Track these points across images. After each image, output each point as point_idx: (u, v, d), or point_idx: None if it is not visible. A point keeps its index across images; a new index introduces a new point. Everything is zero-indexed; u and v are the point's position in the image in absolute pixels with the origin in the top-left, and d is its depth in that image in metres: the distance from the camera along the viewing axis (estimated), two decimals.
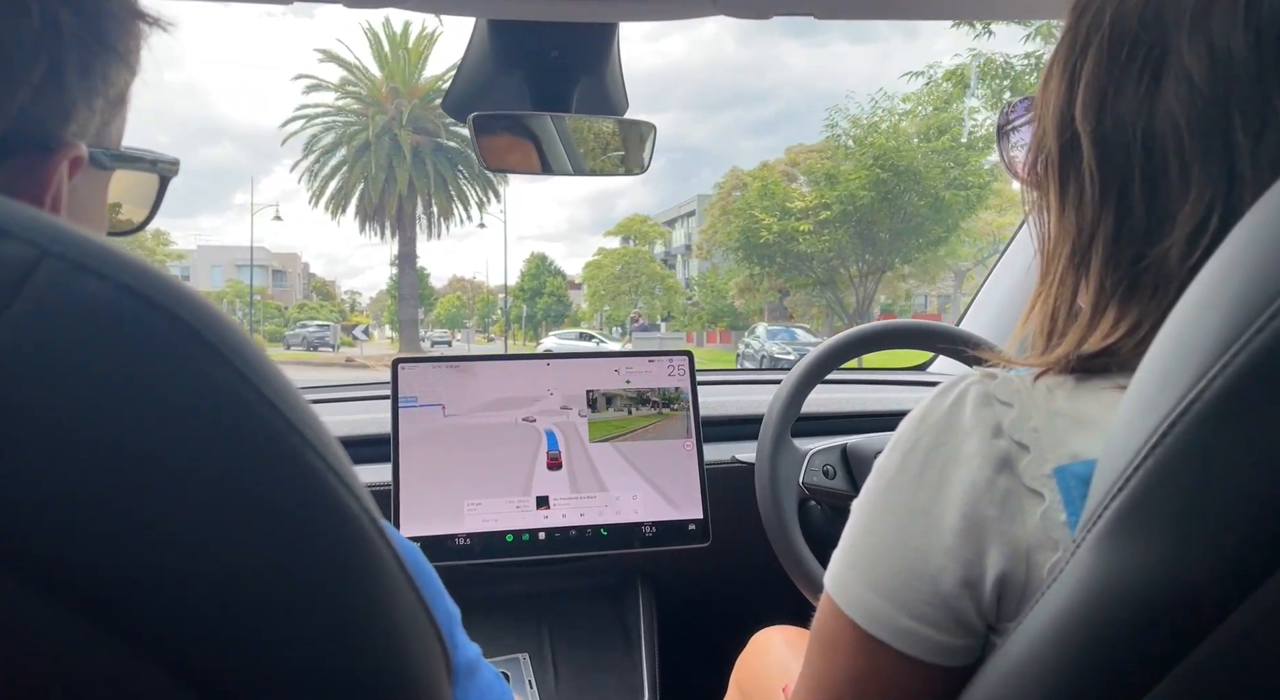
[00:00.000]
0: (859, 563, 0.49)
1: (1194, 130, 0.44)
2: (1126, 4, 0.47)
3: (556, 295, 40.13)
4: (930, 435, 0.48)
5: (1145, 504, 0.33)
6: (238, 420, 0.25)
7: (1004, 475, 0.45)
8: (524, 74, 1.10)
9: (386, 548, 0.29)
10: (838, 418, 1.30)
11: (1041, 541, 0.44)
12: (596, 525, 1.12)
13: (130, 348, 0.24)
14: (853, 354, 1.09)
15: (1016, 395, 0.47)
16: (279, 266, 46.01)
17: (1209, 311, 0.33)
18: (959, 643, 0.46)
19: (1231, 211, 0.43)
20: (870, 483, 0.50)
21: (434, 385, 1.12)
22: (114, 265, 0.25)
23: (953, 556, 0.45)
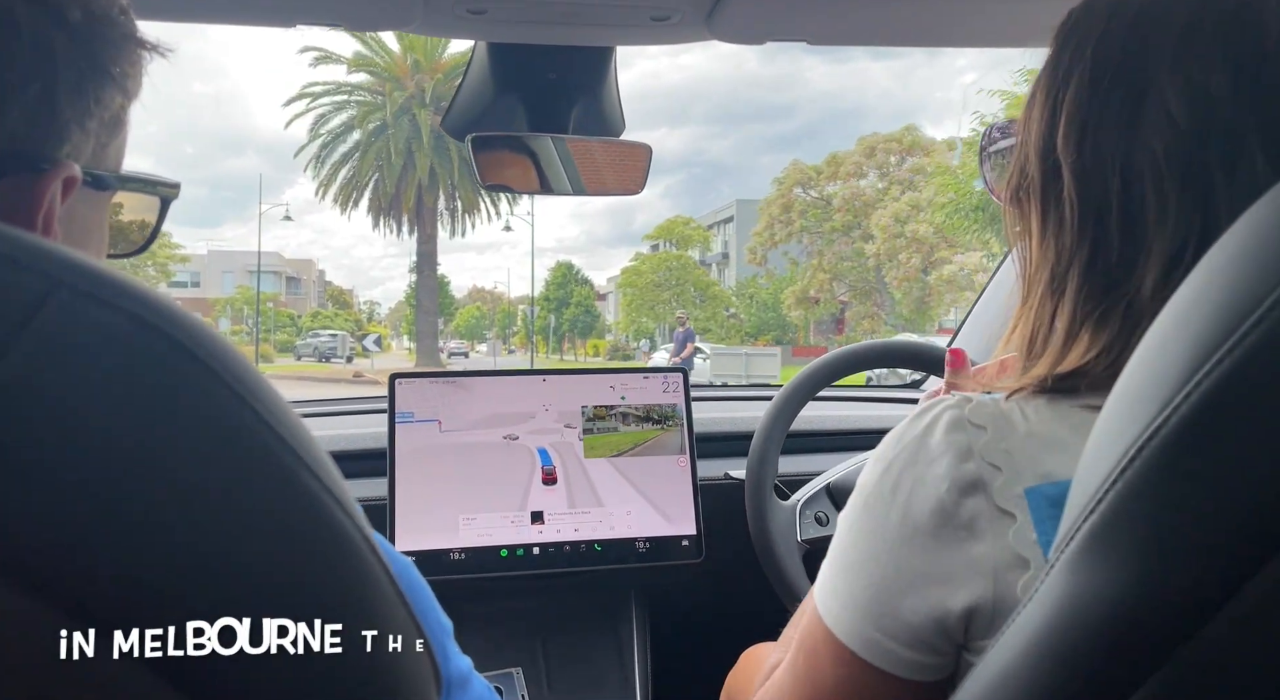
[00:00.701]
0: (838, 577, 0.50)
1: (1171, 165, 0.45)
2: (1109, 37, 0.48)
3: (584, 305, 37.09)
4: (904, 456, 0.49)
5: (1114, 525, 0.34)
6: (242, 447, 0.26)
7: (973, 498, 0.46)
8: (522, 95, 1.12)
9: (379, 565, 0.30)
10: (828, 435, 1.32)
11: (1011, 561, 0.45)
12: (591, 540, 1.14)
13: (140, 377, 0.25)
14: (844, 373, 1.11)
15: (990, 418, 0.48)
16: (293, 273, 43.57)
17: (1177, 339, 0.34)
18: (930, 660, 0.47)
19: (1207, 243, 0.43)
20: (852, 498, 0.52)
21: (431, 400, 1.13)
22: (124, 295, 0.25)
23: (919, 576, 0.47)
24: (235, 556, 0.26)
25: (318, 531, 0.28)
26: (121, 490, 0.24)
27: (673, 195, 76.56)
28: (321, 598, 0.28)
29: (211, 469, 0.26)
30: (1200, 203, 0.45)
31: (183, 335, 0.26)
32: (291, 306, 39.08)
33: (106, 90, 0.43)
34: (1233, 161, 0.44)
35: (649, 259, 30.04)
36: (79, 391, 0.24)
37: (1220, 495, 0.31)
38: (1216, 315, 0.32)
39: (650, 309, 28.86)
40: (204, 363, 0.26)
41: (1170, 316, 0.36)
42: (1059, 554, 0.38)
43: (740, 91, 78.73)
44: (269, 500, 0.27)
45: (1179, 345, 0.34)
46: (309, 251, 53.45)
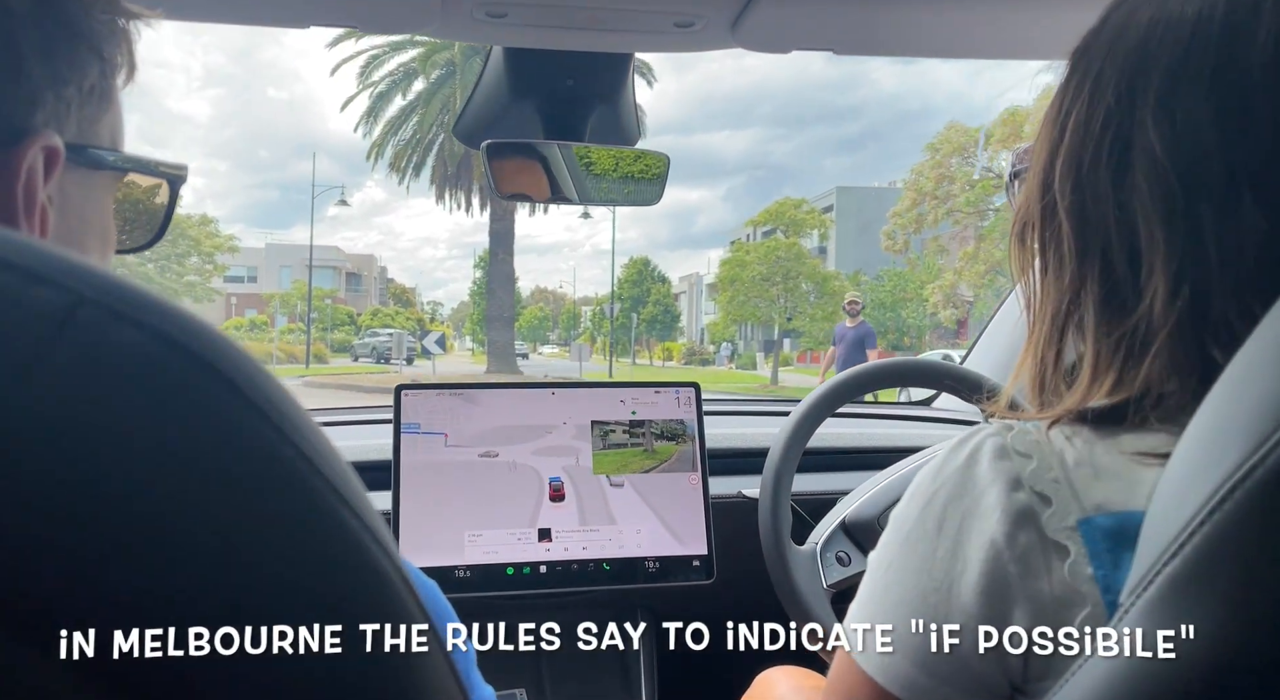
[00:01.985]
0: (877, 617, 0.48)
1: (1157, 203, 0.45)
2: (1103, 78, 0.48)
3: (663, 304, 33.19)
4: (948, 487, 0.47)
5: (1202, 571, 0.33)
6: (274, 475, 0.25)
7: (1025, 530, 0.44)
8: (538, 102, 1.10)
9: (417, 608, 0.29)
10: (842, 453, 1.30)
11: (1068, 597, 0.43)
12: (599, 559, 1.11)
13: (165, 398, 0.24)
14: (860, 392, 1.10)
15: (1035, 446, 0.46)
16: (353, 268, 40.12)
17: (1270, 372, 0.33)
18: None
19: (1201, 282, 0.44)
20: (888, 535, 0.50)
21: (438, 413, 1.10)
22: (151, 312, 0.24)
23: (974, 616, 0.44)
24: (260, 582, 0.25)
25: (363, 579, 0.27)
26: (145, 513, 0.23)
27: (734, 198, 76.48)
28: (360, 651, 0.27)
29: (242, 498, 0.24)
30: (1190, 244, 0.45)
31: (210, 354, 0.25)
32: (351, 304, 36.40)
33: (80, 53, 0.41)
34: (1220, 201, 0.44)
35: (755, 248, 23.95)
36: (104, 413, 0.23)
37: None
38: None
39: (755, 307, 23.03)
40: (237, 387, 0.25)
41: (1257, 349, 0.35)
42: (1134, 598, 0.36)
43: (805, 93, 78.91)
44: (308, 539, 0.26)
45: (1274, 378, 0.32)
46: (373, 252, 52.73)
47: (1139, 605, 0.35)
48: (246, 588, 0.24)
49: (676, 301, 35.80)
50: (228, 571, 0.24)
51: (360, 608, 0.27)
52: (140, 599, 0.23)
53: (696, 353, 31.18)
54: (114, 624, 0.22)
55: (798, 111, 79.57)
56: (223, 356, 0.25)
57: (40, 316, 0.23)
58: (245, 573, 0.24)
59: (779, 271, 22.02)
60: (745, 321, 24.77)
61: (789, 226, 24.02)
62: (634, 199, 1.12)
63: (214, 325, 0.26)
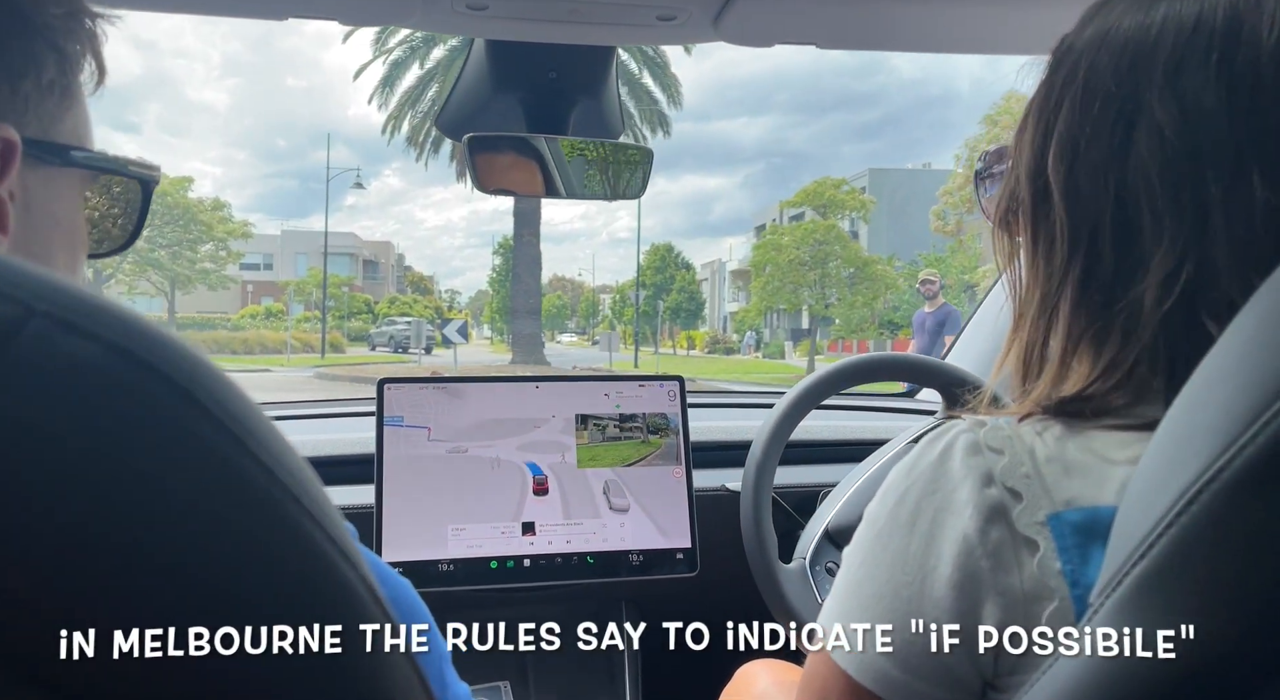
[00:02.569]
0: (851, 613, 0.48)
1: (1165, 182, 0.45)
2: (1100, 59, 0.48)
3: (688, 291, 32.10)
4: (920, 484, 0.48)
5: (1173, 568, 0.33)
6: (232, 485, 0.25)
7: (996, 525, 0.45)
8: (521, 95, 1.09)
9: (382, 616, 0.29)
10: (824, 445, 1.30)
11: (1038, 592, 0.43)
12: (583, 553, 1.11)
13: (118, 410, 0.23)
14: (843, 386, 1.09)
15: (1007, 442, 0.47)
16: (370, 255, 39.01)
17: (1240, 373, 0.33)
18: (953, 697, 0.46)
19: (1206, 258, 0.44)
20: (861, 531, 0.50)
21: (421, 406, 1.11)
22: (103, 324, 0.24)
23: (947, 610, 0.45)
24: (216, 590, 0.24)
25: (325, 589, 0.27)
26: (98, 524, 0.23)
27: (751, 185, 76.05)
28: (324, 660, 0.27)
29: (200, 511, 0.24)
30: (1197, 217, 0.45)
31: (165, 364, 0.24)
32: (368, 292, 35.74)
33: (35, 46, 0.40)
34: (1228, 179, 0.44)
35: (791, 230, 22.32)
36: (54, 426, 0.22)
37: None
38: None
39: (792, 293, 21.49)
40: (193, 397, 0.25)
41: (1230, 347, 0.35)
42: (1105, 597, 0.36)
43: (823, 80, 78.15)
44: (266, 548, 0.25)
45: (1244, 380, 0.32)
46: (391, 240, 52.72)
47: (1109, 605, 0.36)
48: (202, 595, 0.24)
49: (700, 289, 34.84)
50: (183, 579, 0.24)
51: (319, 611, 0.26)
52: (93, 604, 0.23)
53: (720, 341, 30.43)
54: (60, 628, 0.22)
55: (816, 98, 78.93)
56: (178, 366, 0.25)
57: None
58: (200, 580, 0.24)
59: (817, 255, 20.78)
60: (778, 309, 23.65)
61: (827, 207, 22.39)
62: (617, 192, 1.12)
63: (171, 333, 0.26)
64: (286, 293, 27.57)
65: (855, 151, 71.04)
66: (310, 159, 72.51)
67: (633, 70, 17.00)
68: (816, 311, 21.83)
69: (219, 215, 22.91)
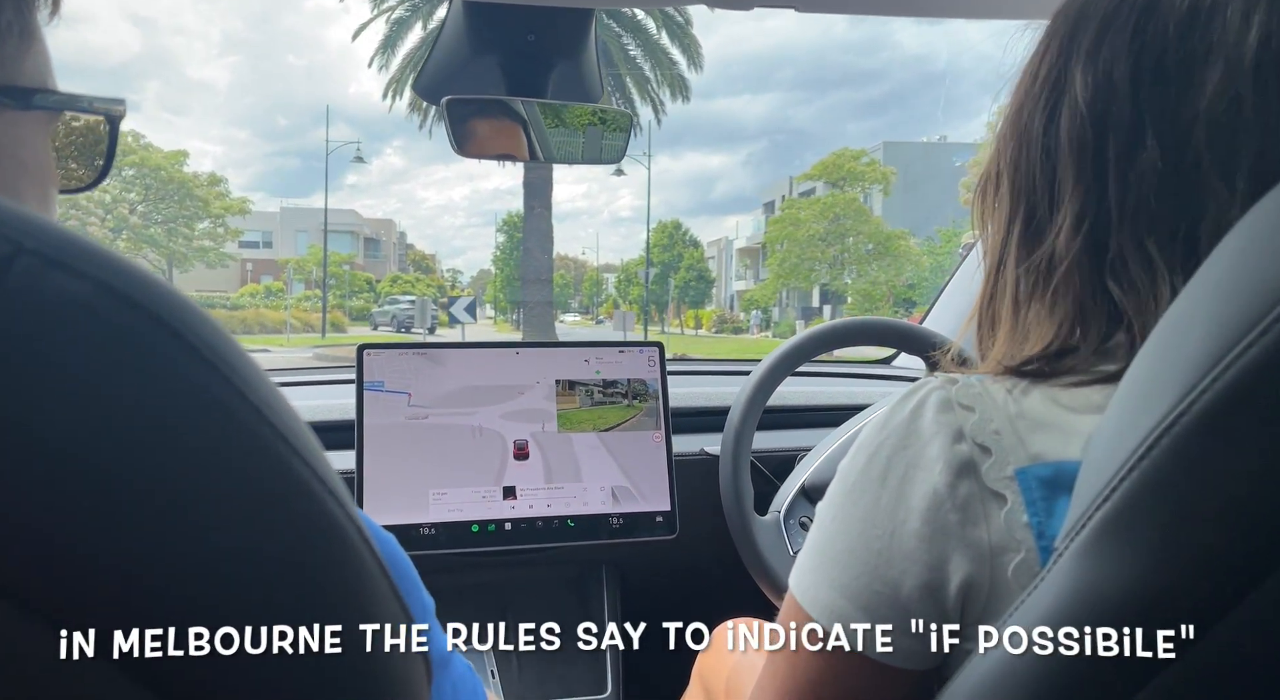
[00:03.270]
0: (823, 565, 0.49)
1: (1073, 149, 0.49)
2: (1052, 34, 0.52)
3: (696, 269, 31.26)
4: (893, 440, 0.49)
5: (1129, 515, 0.34)
6: (219, 423, 0.25)
7: (965, 480, 0.46)
8: (499, 58, 1.09)
9: (369, 553, 0.29)
10: (801, 410, 1.31)
11: (1005, 544, 0.45)
12: (564, 516, 1.12)
13: (107, 348, 0.23)
14: (818, 352, 1.10)
15: (977, 399, 0.48)
16: (371, 233, 37.67)
17: (1196, 324, 0.33)
18: (920, 647, 0.47)
19: (1103, 215, 0.47)
20: (834, 486, 0.51)
21: (401, 372, 1.11)
22: (92, 263, 0.24)
23: (915, 561, 0.46)
24: (215, 544, 0.24)
25: (313, 524, 0.27)
26: (86, 461, 0.23)
27: (754, 163, 75.20)
28: (310, 587, 0.27)
29: (188, 449, 0.24)
30: (1096, 178, 0.48)
31: (156, 306, 0.24)
32: (369, 270, 34.81)
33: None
34: (1128, 147, 0.47)
35: (810, 204, 21.37)
36: (44, 364, 0.22)
37: (1242, 486, 0.31)
38: (1242, 301, 0.32)
39: (809, 269, 20.52)
40: (182, 336, 0.25)
41: (1189, 300, 0.36)
42: (1068, 542, 0.37)
43: (827, 56, 77.15)
44: (255, 486, 0.25)
45: (1200, 331, 0.33)
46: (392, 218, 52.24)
47: (1072, 549, 0.36)
48: (189, 535, 0.24)
49: (708, 267, 34.21)
50: (171, 518, 0.24)
51: (312, 554, 0.27)
52: (79, 544, 0.22)
53: (728, 320, 29.99)
54: (51, 567, 0.22)
55: (819, 75, 78.14)
56: (165, 306, 0.25)
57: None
58: (188, 519, 0.24)
59: (835, 230, 19.93)
60: (797, 286, 22.62)
61: (846, 180, 21.29)
62: (596, 157, 1.12)
63: (157, 275, 0.26)
64: (286, 271, 27.26)
65: (859, 129, 70.59)
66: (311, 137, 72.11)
67: (650, 29, 16.50)
68: (835, 288, 21.24)
69: (216, 191, 22.47)
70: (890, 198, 21.95)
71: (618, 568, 1.24)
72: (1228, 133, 0.44)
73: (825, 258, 20.30)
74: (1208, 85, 0.44)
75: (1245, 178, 0.44)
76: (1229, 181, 0.44)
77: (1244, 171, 0.44)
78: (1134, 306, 0.46)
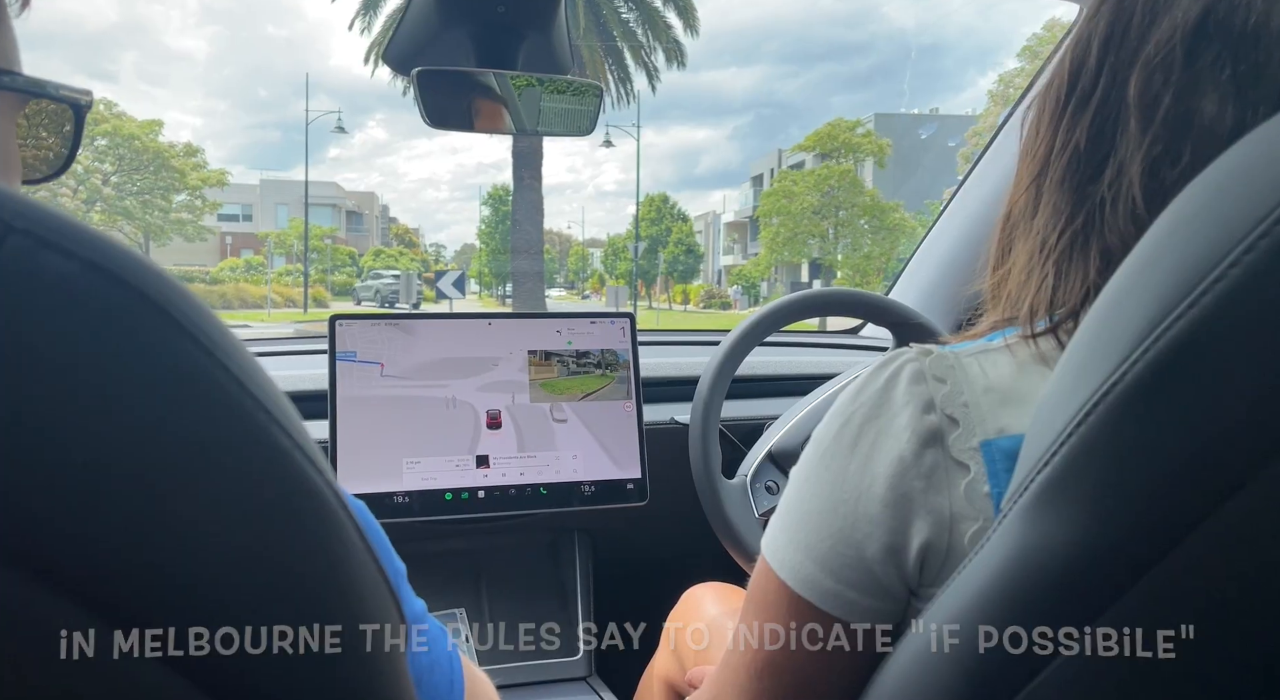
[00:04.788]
0: (792, 528, 0.51)
1: (1050, 99, 0.52)
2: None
3: (685, 243, 31.02)
4: (865, 409, 0.50)
5: (1066, 479, 0.36)
6: (205, 397, 0.25)
7: (932, 449, 0.47)
8: (469, 29, 1.08)
9: (348, 518, 0.30)
10: (769, 380, 1.33)
11: (964, 512, 0.46)
12: (536, 484, 1.14)
13: (97, 325, 0.24)
14: (786, 321, 1.11)
15: (950, 371, 0.49)
16: (353, 206, 37.38)
17: (1134, 296, 0.35)
18: (882, 606, 0.49)
19: (1044, 171, 0.51)
20: (808, 451, 0.53)
21: (374, 342, 1.12)
22: (80, 242, 0.24)
23: (879, 525, 0.47)
24: (204, 516, 0.25)
25: (295, 492, 0.27)
26: (78, 436, 0.23)
27: (740, 136, 74.57)
28: (295, 555, 0.27)
29: (176, 423, 0.25)
30: (1049, 135, 0.51)
31: (144, 285, 0.25)
32: (352, 244, 34.34)
33: None
34: (1083, 98, 0.49)
35: (805, 176, 20.80)
36: (34, 340, 0.23)
37: (1168, 452, 0.32)
38: (1174, 274, 0.33)
39: (803, 244, 20.09)
40: (168, 313, 0.25)
41: (1128, 273, 0.37)
42: (1012, 505, 0.39)
43: (813, 29, 76.30)
44: (239, 457, 0.26)
45: (1137, 303, 0.34)
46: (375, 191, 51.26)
47: (1015, 510, 0.38)
48: (175, 505, 0.24)
49: (697, 241, 33.74)
50: (158, 489, 0.24)
51: (295, 520, 0.27)
52: (69, 521, 0.23)
53: (715, 296, 29.87)
54: (42, 544, 0.23)
55: (806, 48, 77.49)
56: (151, 284, 0.25)
57: None
58: (178, 492, 0.24)
59: (830, 203, 19.45)
60: (790, 260, 22.01)
61: (841, 151, 20.80)
62: (567, 129, 1.12)
63: (143, 254, 0.26)
64: (266, 244, 26.79)
65: (845, 102, 70.28)
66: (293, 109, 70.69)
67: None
68: (827, 262, 20.71)
69: (192, 162, 21.92)
70: (885, 170, 21.58)
71: (590, 534, 1.27)
72: (1158, 79, 0.46)
73: (819, 231, 20.00)
74: (1150, 43, 0.46)
75: (1159, 126, 0.46)
76: (1143, 126, 0.46)
77: (1158, 121, 0.46)
78: (1062, 254, 0.49)
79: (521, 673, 1.14)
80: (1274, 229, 0.30)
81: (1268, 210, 0.30)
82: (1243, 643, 0.34)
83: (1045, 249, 0.50)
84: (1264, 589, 0.33)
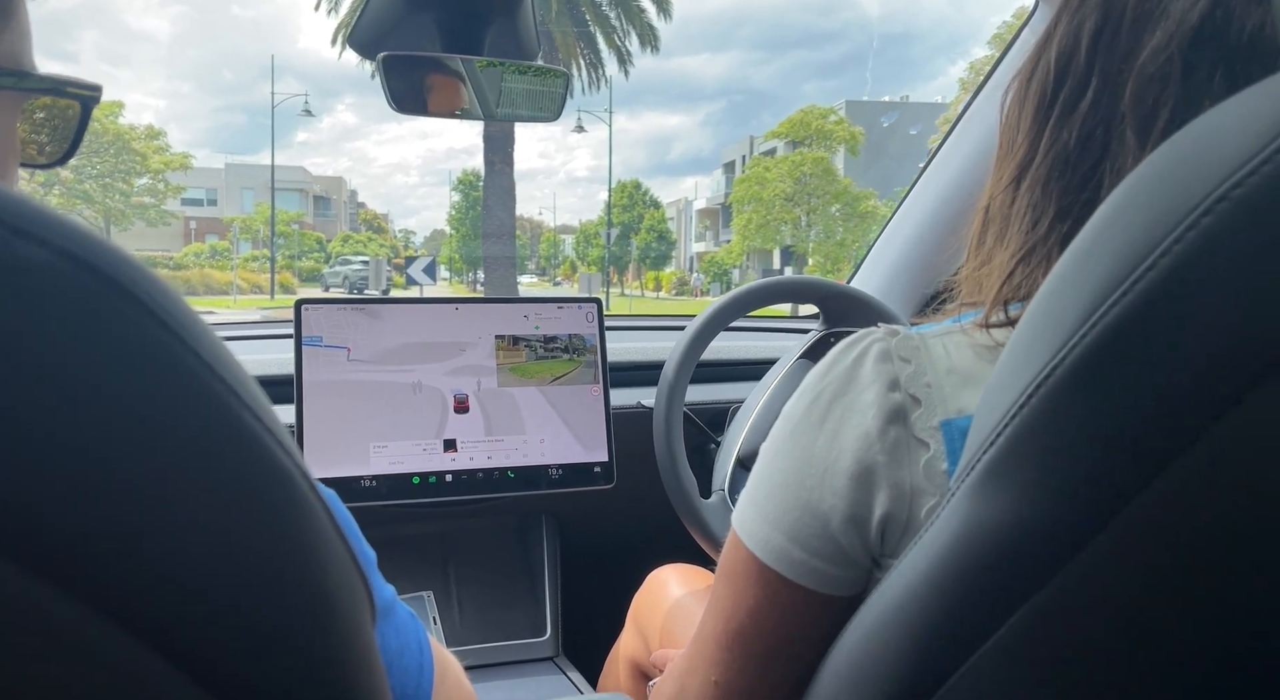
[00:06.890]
0: (761, 501, 0.53)
1: (1035, 95, 0.51)
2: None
3: (657, 230, 31.22)
4: (833, 386, 0.52)
5: (1009, 459, 0.37)
6: (177, 383, 0.26)
7: (895, 426, 0.49)
8: (435, 13, 1.08)
9: (319, 502, 0.30)
10: (733, 365, 1.35)
11: (923, 487, 0.48)
12: (504, 467, 1.15)
13: (70, 313, 0.24)
14: (749, 309, 1.13)
15: (915, 352, 0.51)
16: (321, 191, 37.17)
17: (1076, 282, 0.36)
18: (846, 574, 0.51)
19: (1029, 169, 0.51)
20: (777, 427, 0.54)
21: (340, 327, 1.12)
22: (51, 230, 0.24)
23: (843, 497, 0.49)
24: (179, 503, 0.25)
25: (268, 479, 0.28)
26: (51, 424, 0.23)
27: (713, 123, 74.45)
28: (270, 541, 0.28)
29: (149, 410, 0.25)
30: (1034, 133, 0.51)
31: (114, 272, 0.25)
32: (320, 229, 34.06)
33: None
34: (1073, 98, 0.49)
35: (777, 163, 20.66)
36: (7, 331, 0.23)
37: (1104, 433, 0.34)
38: (1111, 262, 0.34)
39: (776, 231, 20.02)
40: (139, 300, 0.25)
41: (1071, 259, 0.38)
42: (960, 482, 0.41)
43: (787, 16, 76.32)
44: (214, 444, 0.26)
45: (1078, 288, 0.36)
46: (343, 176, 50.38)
47: (963, 488, 0.40)
48: (148, 490, 0.25)
49: (669, 228, 33.80)
50: (130, 474, 0.24)
51: (266, 504, 0.28)
52: (40, 498, 0.23)
53: (688, 283, 29.91)
54: (14, 529, 0.23)
55: (778, 34, 77.52)
56: (125, 271, 0.25)
57: None
58: (148, 475, 0.25)
59: (804, 190, 19.44)
60: (763, 247, 21.89)
61: (814, 138, 20.58)
62: (533, 113, 1.12)
63: (111, 241, 0.27)
64: (232, 229, 26.19)
65: (817, 89, 70.61)
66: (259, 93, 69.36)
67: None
68: (800, 250, 20.74)
69: (155, 145, 21.50)
70: (858, 158, 21.61)
71: (557, 517, 1.28)
72: (1155, 89, 0.46)
73: (791, 218, 19.98)
74: (1146, 47, 0.47)
75: (1157, 138, 0.46)
76: (1141, 138, 0.47)
77: (1157, 132, 0.46)
78: (1039, 253, 0.50)
79: (489, 653, 1.16)
80: (1201, 221, 0.32)
81: (1196, 202, 0.32)
82: (1180, 612, 0.36)
83: (1025, 247, 0.51)
84: (1198, 561, 0.35)
